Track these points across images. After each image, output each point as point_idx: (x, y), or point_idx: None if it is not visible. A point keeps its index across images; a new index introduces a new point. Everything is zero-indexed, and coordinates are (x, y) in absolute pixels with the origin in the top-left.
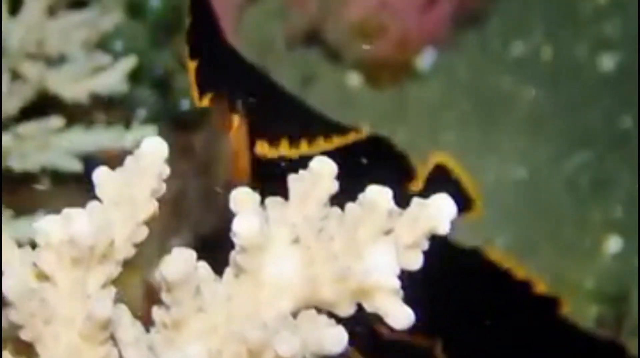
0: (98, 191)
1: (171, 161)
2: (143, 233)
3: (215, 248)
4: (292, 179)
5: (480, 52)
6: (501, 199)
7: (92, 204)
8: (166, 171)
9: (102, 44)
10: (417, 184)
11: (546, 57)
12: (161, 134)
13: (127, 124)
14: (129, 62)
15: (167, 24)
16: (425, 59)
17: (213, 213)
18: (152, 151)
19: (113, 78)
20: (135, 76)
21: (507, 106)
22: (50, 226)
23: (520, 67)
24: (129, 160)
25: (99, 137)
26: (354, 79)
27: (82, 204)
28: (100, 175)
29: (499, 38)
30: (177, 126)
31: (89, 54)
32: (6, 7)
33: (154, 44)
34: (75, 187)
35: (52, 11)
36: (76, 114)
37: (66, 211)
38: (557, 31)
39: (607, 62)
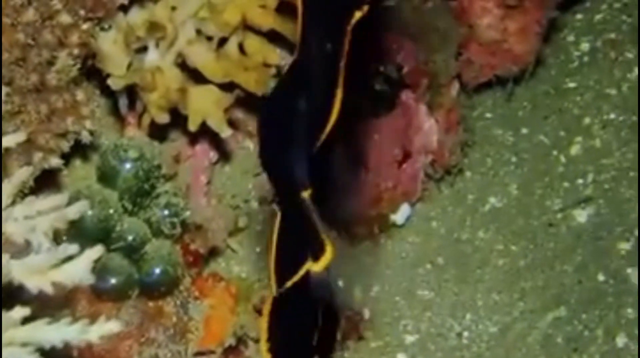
0: None
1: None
2: None
3: None
4: None
5: (455, 206)
6: (476, 356)
7: None
8: None
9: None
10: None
11: (520, 211)
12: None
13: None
14: (96, 252)
15: (139, 191)
16: (400, 214)
17: None
18: None
19: (79, 269)
20: (107, 243)
21: (482, 260)
22: None
23: (494, 221)
24: None
25: (63, 331)
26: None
27: None
28: None
29: (473, 192)
30: (149, 293)
31: (54, 243)
32: None
33: (125, 210)
34: None
35: (16, 197)
36: (41, 305)
37: None
38: (531, 185)
39: (580, 216)
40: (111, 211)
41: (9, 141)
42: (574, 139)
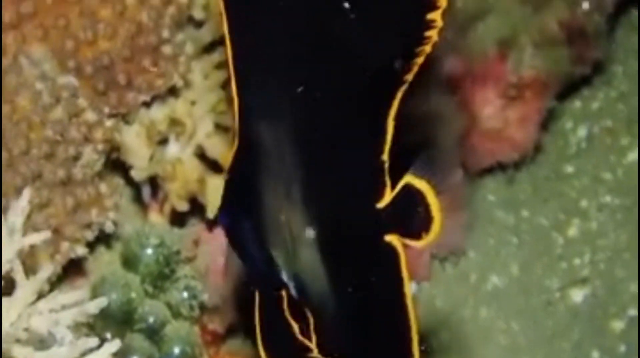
0: None
1: None
2: None
3: None
4: None
5: (458, 284)
6: None
7: None
8: None
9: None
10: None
11: (521, 290)
12: None
13: None
14: (114, 346)
15: (160, 275)
16: None
17: None
18: None
19: None
20: (129, 324)
21: (484, 337)
22: None
23: (496, 299)
24: None
25: None
26: None
27: None
28: None
29: (475, 271)
30: None
31: (77, 336)
32: None
33: (146, 293)
34: None
35: (42, 293)
36: None
37: None
38: (531, 265)
39: (577, 295)
40: (133, 294)
41: (35, 239)
42: (571, 221)
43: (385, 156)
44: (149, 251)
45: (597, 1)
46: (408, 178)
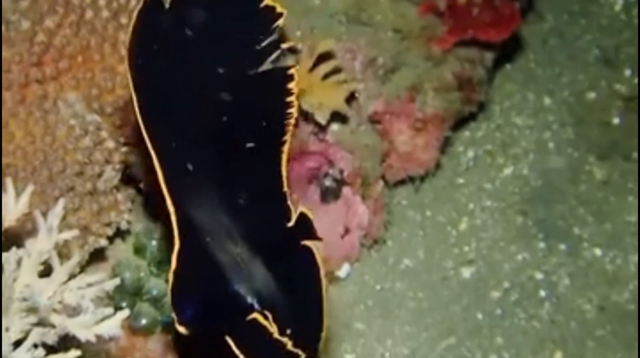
0: None
1: (165, 355)
2: None
3: None
4: None
5: (380, 265)
6: None
7: None
8: None
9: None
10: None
11: (425, 269)
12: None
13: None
14: (125, 313)
15: (161, 260)
16: (342, 271)
17: None
18: None
19: (113, 326)
20: (139, 295)
21: (399, 303)
22: None
23: (407, 276)
24: None
25: None
26: None
27: None
28: None
29: (393, 255)
30: (168, 330)
31: (97, 307)
32: (37, 270)
33: (151, 273)
34: None
35: (72, 275)
36: (89, 349)
37: None
38: (432, 251)
39: (466, 272)
40: (142, 274)
41: (68, 235)
42: (462, 219)
43: (285, 189)
44: (154, 242)
45: (480, 58)
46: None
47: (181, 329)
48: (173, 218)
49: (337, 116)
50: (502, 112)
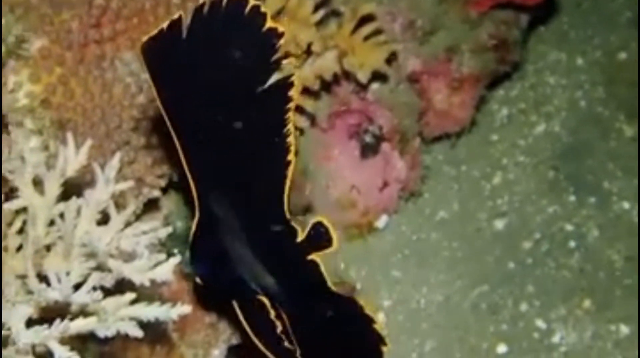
0: None
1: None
2: None
3: None
4: None
5: (417, 217)
6: (429, 315)
7: None
8: None
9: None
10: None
11: (459, 220)
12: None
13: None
14: (177, 259)
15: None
16: (381, 221)
17: None
18: None
19: (165, 271)
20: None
21: (434, 253)
22: None
23: (443, 227)
24: None
25: (155, 311)
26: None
27: None
28: None
29: (429, 207)
30: None
31: (151, 253)
32: (95, 218)
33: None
34: None
35: (128, 223)
36: (142, 292)
37: None
38: (467, 203)
39: (499, 224)
40: (192, 223)
41: (124, 186)
42: (496, 173)
43: (287, 213)
44: None
45: (515, 20)
46: (315, 219)
47: (198, 280)
48: (195, 195)
49: (378, 76)
50: (536, 72)
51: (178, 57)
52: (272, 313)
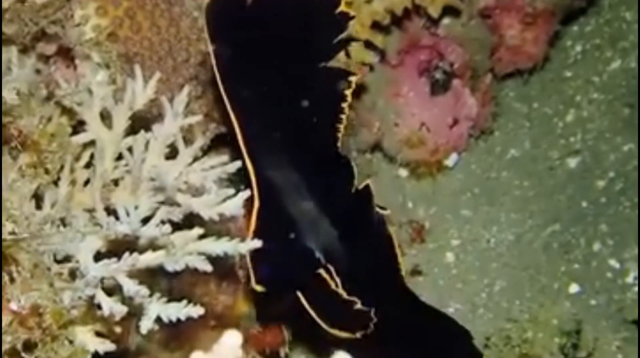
0: None
1: None
2: None
3: None
4: None
5: (487, 155)
6: (499, 255)
7: None
8: None
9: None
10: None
11: (531, 159)
12: None
13: None
14: (244, 195)
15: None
16: (451, 160)
17: None
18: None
19: (235, 205)
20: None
21: (505, 191)
22: None
23: (513, 165)
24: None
25: (224, 245)
26: (403, 173)
27: None
28: None
29: (499, 145)
30: None
31: (220, 187)
32: (163, 152)
33: None
34: None
35: (196, 157)
36: (210, 227)
37: None
38: (539, 141)
39: (572, 162)
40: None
41: (191, 120)
42: (568, 111)
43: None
44: None
45: None
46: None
47: (257, 287)
48: (252, 178)
49: (449, 10)
50: (612, 7)
51: (241, 22)
52: (332, 284)
